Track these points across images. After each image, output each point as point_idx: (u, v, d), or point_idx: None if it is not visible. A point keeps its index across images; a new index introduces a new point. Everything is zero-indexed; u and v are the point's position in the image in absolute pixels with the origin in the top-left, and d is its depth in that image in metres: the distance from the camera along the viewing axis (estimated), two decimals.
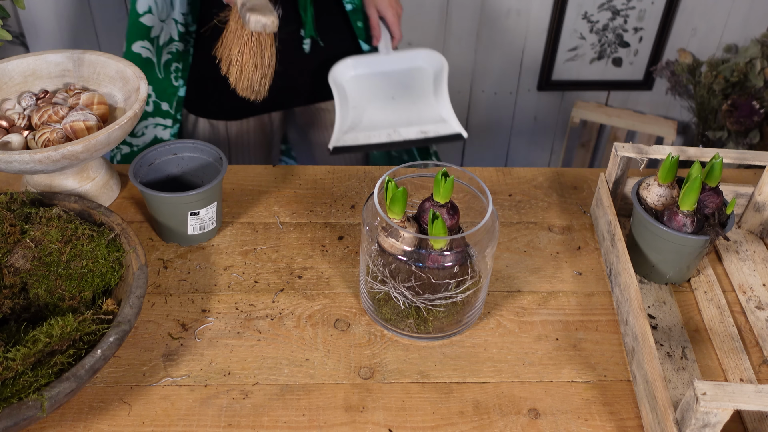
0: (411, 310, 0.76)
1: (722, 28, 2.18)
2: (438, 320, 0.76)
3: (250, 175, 1.03)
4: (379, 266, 0.75)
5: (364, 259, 0.78)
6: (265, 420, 0.70)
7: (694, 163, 0.80)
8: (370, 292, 0.78)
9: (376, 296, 0.78)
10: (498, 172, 1.06)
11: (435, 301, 0.74)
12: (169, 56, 1.29)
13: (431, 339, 0.79)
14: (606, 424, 0.71)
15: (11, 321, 0.73)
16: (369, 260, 0.76)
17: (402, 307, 0.76)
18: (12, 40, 1.65)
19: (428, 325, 0.77)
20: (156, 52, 1.28)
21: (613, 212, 0.87)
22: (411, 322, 0.77)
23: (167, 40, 1.28)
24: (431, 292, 0.73)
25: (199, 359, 0.76)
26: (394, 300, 0.76)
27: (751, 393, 0.60)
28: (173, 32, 1.28)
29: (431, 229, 0.71)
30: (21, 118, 0.89)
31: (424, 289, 0.73)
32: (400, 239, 0.72)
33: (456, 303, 0.75)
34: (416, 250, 0.72)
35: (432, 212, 0.70)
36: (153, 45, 1.27)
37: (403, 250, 0.72)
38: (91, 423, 0.70)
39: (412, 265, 0.72)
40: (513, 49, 2.20)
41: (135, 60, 1.26)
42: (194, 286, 0.85)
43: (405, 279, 0.73)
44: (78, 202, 0.82)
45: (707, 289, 0.87)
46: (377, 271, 0.75)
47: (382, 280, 0.75)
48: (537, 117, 2.37)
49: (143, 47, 1.26)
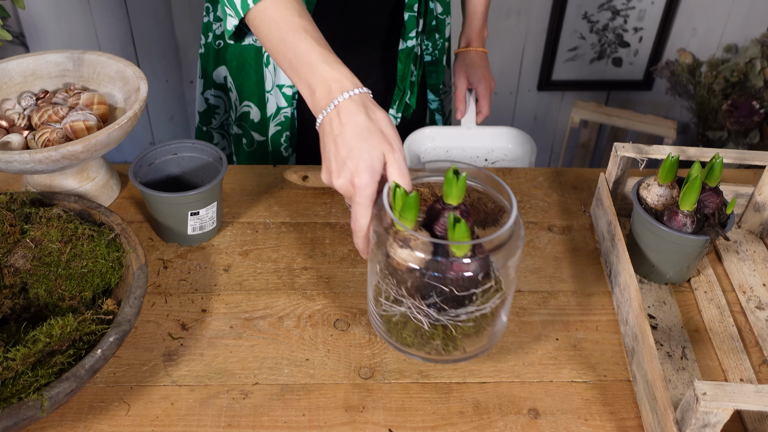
0: (437, 330, 0.67)
1: (722, 28, 2.18)
2: (468, 337, 0.68)
3: (250, 175, 1.02)
4: (392, 285, 0.66)
5: (372, 279, 0.70)
6: (265, 420, 0.70)
7: (694, 163, 0.80)
8: (384, 315, 0.70)
9: (392, 319, 0.69)
10: (498, 171, 1.06)
11: (461, 316, 0.66)
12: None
13: (460, 360, 0.71)
14: (606, 424, 0.71)
15: (11, 321, 0.73)
16: (378, 278, 0.68)
17: (426, 328, 0.67)
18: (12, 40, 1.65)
19: (457, 343, 0.69)
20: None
21: (613, 212, 0.87)
22: (438, 344, 0.69)
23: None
24: (456, 306, 0.65)
25: (199, 359, 0.76)
26: (414, 321, 0.67)
27: (751, 393, 0.60)
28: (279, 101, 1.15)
29: (452, 233, 0.63)
30: (21, 118, 0.89)
31: (449, 304, 0.65)
32: (416, 249, 0.64)
33: (486, 315, 0.67)
34: (435, 259, 0.63)
35: (452, 215, 0.63)
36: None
37: (420, 260, 0.64)
38: (91, 423, 0.70)
39: (431, 279, 0.64)
40: (513, 49, 2.20)
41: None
42: (194, 286, 0.85)
43: (425, 295, 0.65)
44: (78, 202, 0.82)
45: (707, 289, 0.87)
46: (390, 291, 0.67)
47: (396, 299, 0.67)
48: (537, 117, 2.37)
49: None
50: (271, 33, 0.74)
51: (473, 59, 1.25)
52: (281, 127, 1.15)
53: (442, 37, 1.21)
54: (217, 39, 1.14)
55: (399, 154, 0.68)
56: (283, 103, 1.13)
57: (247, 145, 1.19)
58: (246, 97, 1.14)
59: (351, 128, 0.67)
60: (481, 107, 1.25)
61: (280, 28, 0.74)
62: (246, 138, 1.18)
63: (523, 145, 1.24)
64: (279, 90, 1.12)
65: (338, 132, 0.67)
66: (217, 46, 1.14)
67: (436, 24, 1.19)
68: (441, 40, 1.22)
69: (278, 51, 0.74)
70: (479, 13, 1.24)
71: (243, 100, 1.15)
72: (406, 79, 1.16)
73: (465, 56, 1.26)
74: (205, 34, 1.15)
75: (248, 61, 1.11)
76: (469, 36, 1.26)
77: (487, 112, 1.26)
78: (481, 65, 1.25)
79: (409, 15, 1.11)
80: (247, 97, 1.14)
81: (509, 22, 2.13)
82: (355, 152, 0.66)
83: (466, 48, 1.26)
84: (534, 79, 2.28)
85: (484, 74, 1.25)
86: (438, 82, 1.27)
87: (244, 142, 1.18)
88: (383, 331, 0.72)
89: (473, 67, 1.24)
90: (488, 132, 1.25)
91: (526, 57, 2.22)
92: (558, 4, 2.09)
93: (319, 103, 0.70)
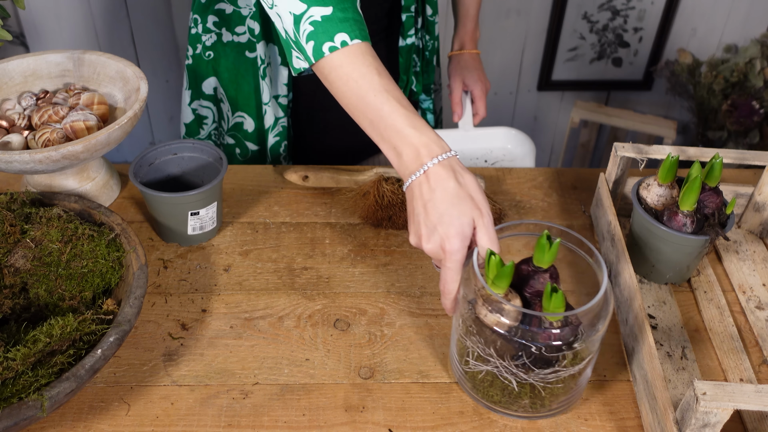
0: (524, 389, 0.67)
1: (722, 28, 2.18)
2: (555, 396, 0.69)
3: (250, 175, 1.03)
4: (479, 343, 0.66)
5: (455, 334, 0.71)
6: (265, 420, 0.70)
7: (694, 163, 0.80)
8: (469, 372, 0.70)
9: (478, 376, 0.70)
10: (498, 171, 1.06)
11: (550, 376, 0.65)
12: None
13: (546, 417, 0.71)
14: (606, 424, 0.71)
15: (11, 321, 0.73)
16: (463, 334, 0.68)
17: (515, 388, 0.67)
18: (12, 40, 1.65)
19: (545, 402, 0.69)
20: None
21: (613, 212, 0.87)
22: (526, 403, 0.69)
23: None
24: (544, 366, 0.65)
25: (199, 359, 0.76)
26: (501, 380, 0.67)
27: (751, 393, 0.60)
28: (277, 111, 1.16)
29: (548, 303, 0.63)
30: (21, 118, 0.89)
31: (537, 365, 0.65)
32: (507, 316, 0.64)
33: (574, 375, 0.67)
34: (524, 327, 0.64)
35: (549, 285, 0.63)
36: None
37: (509, 326, 0.64)
38: (91, 423, 0.70)
39: (521, 340, 0.64)
40: (513, 49, 2.20)
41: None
42: (194, 286, 0.85)
43: (513, 355, 0.65)
44: (78, 202, 0.82)
45: (707, 289, 0.87)
46: (477, 350, 0.67)
47: (480, 356, 0.67)
48: (537, 117, 2.37)
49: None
50: (350, 91, 0.72)
51: (467, 61, 1.26)
52: (280, 138, 1.16)
53: (432, 37, 1.22)
54: (207, 50, 1.12)
55: (488, 219, 0.68)
56: (280, 113, 1.14)
57: (240, 155, 1.19)
58: (239, 108, 1.14)
59: (441, 193, 0.67)
60: (477, 109, 1.26)
61: (360, 87, 0.71)
62: (240, 148, 1.18)
63: (521, 144, 1.24)
64: (275, 101, 1.13)
65: (428, 197, 0.68)
66: (207, 57, 1.12)
67: (426, 25, 1.20)
68: (431, 40, 1.22)
69: (357, 110, 0.72)
70: (471, 15, 1.25)
71: (236, 111, 1.15)
72: (410, 70, 1.18)
73: (459, 59, 1.26)
74: (193, 45, 1.13)
75: (241, 74, 1.11)
76: (462, 38, 1.27)
77: (484, 113, 1.26)
78: (475, 67, 1.26)
79: (407, 16, 1.12)
80: (241, 108, 1.14)
81: (509, 22, 2.13)
82: (446, 218, 0.66)
83: (459, 51, 1.27)
84: (534, 79, 2.28)
85: (479, 76, 1.25)
86: (429, 81, 1.27)
87: (238, 152, 1.19)
88: (469, 388, 0.72)
89: (468, 70, 1.25)
90: (486, 133, 1.25)
91: (525, 57, 2.22)
92: (558, 4, 2.09)
93: (408, 167, 0.69)
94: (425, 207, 0.68)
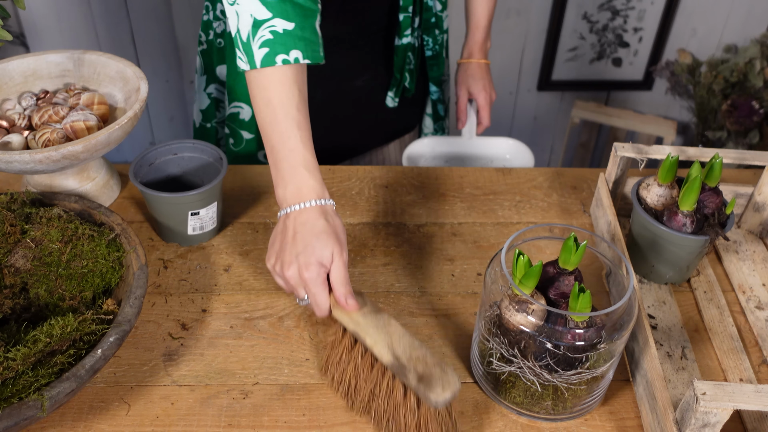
0: (547, 391, 0.68)
1: (722, 28, 2.18)
2: (578, 398, 0.69)
3: (250, 175, 1.03)
4: (503, 344, 0.67)
5: (477, 335, 0.71)
6: (265, 420, 0.70)
7: (694, 163, 0.80)
8: (492, 373, 0.71)
9: (500, 377, 0.70)
10: (498, 172, 1.06)
11: (573, 378, 0.66)
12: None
13: (568, 419, 0.71)
14: (606, 424, 0.71)
15: (11, 321, 0.73)
16: (487, 338, 0.68)
17: (538, 389, 0.68)
18: (12, 40, 1.65)
19: (567, 404, 0.69)
20: None
21: (613, 212, 0.87)
22: (548, 404, 0.69)
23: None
24: (568, 367, 0.66)
25: (199, 359, 0.76)
26: (523, 381, 0.68)
27: (750, 393, 0.60)
28: None
29: (575, 302, 0.64)
30: (21, 118, 0.89)
31: (561, 366, 0.65)
32: (533, 315, 0.65)
33: (596, 377, 0.67)
34: (550, 326, 0.64)
35: (577, 285, 0.64)
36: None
37: (536, 325, 0.65)
38: (91, 423, 0.70)
39: (545, 341, 0.64)
40: (513, 49, 2.20)
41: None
42: (194, 286, 0.85)
43: (537, 356, 0.65)
44: (78, 202, 0.82)
45: (707, 289, 0.87)
46: (501, 350, 0.67)
47: (505, 358, 0.68)
48: (537, 117, 2.37)
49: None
50: (268, 112, 0.75)
51: (475, 71, 1.27)
52: None
53: (442, 31, 1.24)
54: (218, 37, 1.15)
55: (345, 257, 0.72)
56: None
57: (234, 145, 1.21)
58: (236, 98, 1.16)
59: (310, 228, 0.72)
60: (481, 118, 1.28)
61: (276, 114, 0.75)
62: (233, 138, 1.20)
63: (521, 155, 1.26)
64: None
65: (299, 230, 0.72)
66: (219, 45, 1.16)
67: (435, 21, 1.21)
68: (441, 35, 1.24)
69: (266, 130, 0.76)
70: (482, 27, 1.27)
71: (232, 101, 1.17)
72: (404, 68, 1.19)
73: (467, 67, 1.28)
74: (206, 31, 1.17)
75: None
76: (472, 48, 1.28)
77: (488, 122, 1.29)
78: (482, 77, 1.27)
79: (404, 16, 1.13)
80: (238, 98, 1.16)
81: (509, 22, 2.13)
82: (309, 248, 0.71)
83: (468, 59, 1.28)
84: (534, 79, 2.28)
85: (485, 85, 1.27)
86: (439, 74, 1.29)
87: (231, 142, 1.21)
88: (490, 389, 0.72)
89: (474, 79, 1.27)
90: (488, 142, 1.28)
91: (525, 57, 2.22)
92: (558, 4, 2.09)
93: (287, 200, 0.74)
94: (294, 237, 0.72)
